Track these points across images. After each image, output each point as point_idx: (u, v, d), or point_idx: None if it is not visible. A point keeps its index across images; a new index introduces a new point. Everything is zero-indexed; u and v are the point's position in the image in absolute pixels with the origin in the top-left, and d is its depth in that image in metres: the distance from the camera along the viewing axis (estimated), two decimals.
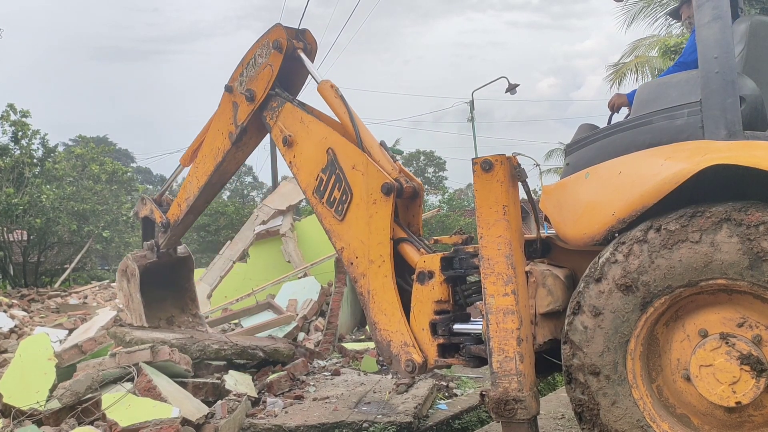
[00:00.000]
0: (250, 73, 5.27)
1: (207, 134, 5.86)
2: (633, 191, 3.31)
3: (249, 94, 5.22)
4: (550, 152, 40.44)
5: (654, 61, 20.27)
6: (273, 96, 5.13)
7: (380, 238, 4.31)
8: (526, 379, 3.48)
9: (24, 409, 5.23)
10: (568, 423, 5.16)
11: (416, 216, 4.59)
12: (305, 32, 5.25)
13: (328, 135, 4.69)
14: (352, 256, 4.47)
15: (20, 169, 17.44)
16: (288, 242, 12.71)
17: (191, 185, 6.09)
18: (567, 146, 4.16)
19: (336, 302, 9.62)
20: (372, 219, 4.34)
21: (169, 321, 7.18)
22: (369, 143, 4.57)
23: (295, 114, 4.96)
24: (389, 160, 4.53)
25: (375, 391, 6.08)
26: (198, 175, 5.96)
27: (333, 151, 4.60)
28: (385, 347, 4.27)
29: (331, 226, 4.63)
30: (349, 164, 4.50)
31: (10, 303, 12.79)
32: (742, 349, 3.03)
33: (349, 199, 4.47)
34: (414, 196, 4.52)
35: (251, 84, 5.24)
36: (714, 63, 3.27)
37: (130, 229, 20.37)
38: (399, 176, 4.41)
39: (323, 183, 4.66)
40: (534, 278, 3.74)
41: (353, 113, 4.69)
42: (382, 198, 4.29)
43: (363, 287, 4.40)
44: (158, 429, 4.59)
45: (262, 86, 5.16)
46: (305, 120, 4.88)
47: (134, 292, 6.80)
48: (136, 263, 6.73)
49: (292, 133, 4.93)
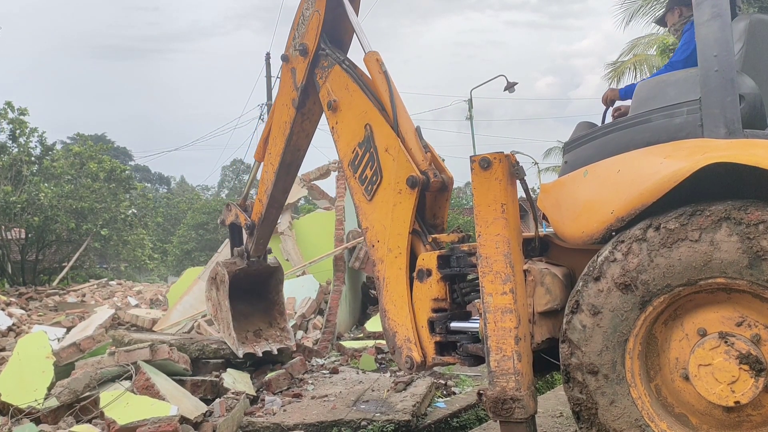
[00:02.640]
0: (301, 30, 5.23)
1: (273, 117, 5.81)
2: (632, 190, 3.30)
3: (302, 48, 5.16)
4: (549, 150, 40.39)
5: (652, 60, 20.26)
6: (324, 54, 5.06)
7: (400, 229, 4.29)
8: (523, 378, 3.47)
9: (22, 407, 5.22)
10: (566, 421, 5.15)
11: (442, 209, 4.51)
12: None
13: (368, 110, 4.60)
14: (374, 239, 4.46)
15: (18, 167, 17.43)
16: (286, 240, 12.69)
17: (267, 174, 6.01)
18: (565, 144, 4.15)
19: (334, 301, 9.62)
20: (395, 208, 4.31)
21: (256, 334, 6.95)
22: (405, 128, 4.47)
23: (342, 79, 4.88)
24: (421, 149, 4.41)
25: (373, 390, 6.08)
26: (272, 160, 5.89)
27: (371, 128, 4.54)
28: (391, 337, 4.30)
29: (360, 203, 4.61)
30: (383, 146, 4.45)
31: (8, 301, 12.79)
32: (741, 348, 3.02)
33: (378, 181, 4.44)
34: (442, 189, 4.42)
35: (303, 38, 5.19)
36: (713, 61, 3.26)
37: (129, 227, 20.36)
38: (428, 168, 4.32)
39: (358, 157, 4.62)
40: (532, 277, 3.74)
41: (395, 93, 4.58)
42: (407, 190, 4.24)
43: (380, 272, 4.40)
44: (156, 427, 4.58)
45: (313, 35, 5.11)
46: (350, 88, 4.79)
47: (223, 299, 6.61)
48: (226, 269, 6.55)
49: (337, 98, 4.85)
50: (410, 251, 4.30)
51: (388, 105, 4.53)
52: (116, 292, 15.93)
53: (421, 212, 4.37)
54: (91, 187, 18.76)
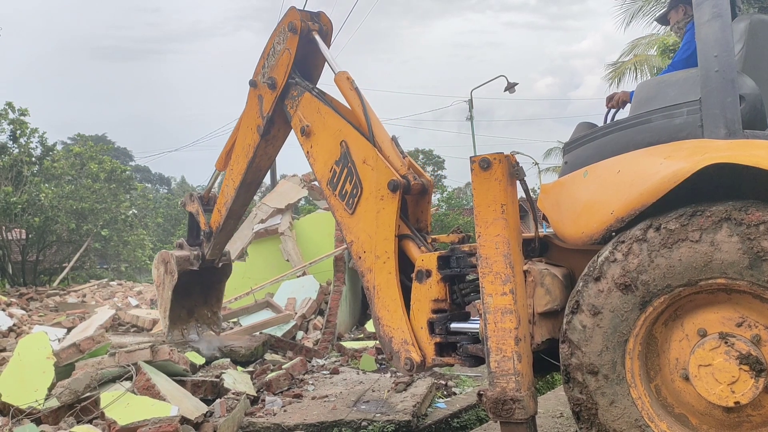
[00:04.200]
0: (270, 62, 5.35)
1: (238, 134, 5.96)
2: (632, 190, 3.30)
3: (270, 82, 5.29)
4: (549, 151, 40.44)
5: (653, 60, 20.26)
6: (293, 84, 5.18)
7: (386, 234, 4.33)
8: (523, 378, 3.47)
9: (23, 407, 5.22)
10: (566, 422, 5.15)
11: (425, 212, 4.60)
12: (320, 14, 5.30)
13: (342, 127, 4.70)
14: (360, 251, 4.50)
15: (19, 167, 17.42)
16: (287, 241, 12.68)
17: (228, 188, 6.22)
18: (565, 145, 4.15)
19: (334, 301, 9.62)
20: (379, 214, 4.36)
21: (189, 312, 7.42)
22: (381, 138, 4.56)
23: (313, 104, 4.99)
24: (399, 155, 4.54)
25: (374, 390, 6.08)
26: (233, 177, 6.08)
27: (346, 144, 4.62)
28: (387, 343, 4.31)
29: (342, 218, 4.66)
30: (361, 158, 4.52)
31: (8, 301, 12.78)
32: (741, 348, 3.02)
33: (359, 193, 4.50)
34: (423, 192, 4.51)
35: (272, 72, 5.31)
36: (714, 61, 3.26)
37: (129, 227, 20.36)
38: (407, 173, 4.42)
39: (336, 175, 4.69)
40: (532, 277, 3.73)
41: (367, 106, 4.70)
42: (389, 194, 4.31)
43: (369, 282, 4.43)
44: (157, 427, 4.58)
45: (282, 72, 5.22)
46: (322, 111, 4.91)
47: (168, 286, 7.02)
48: (177, 267, 6.87)
49: (310, 123, 4.96)
50: (405, 255, 4.34)
51: (362, 119, 4.65)
52: (117, 293, 15.90)
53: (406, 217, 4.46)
54: (92, 187, 18.77)
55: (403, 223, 4.40)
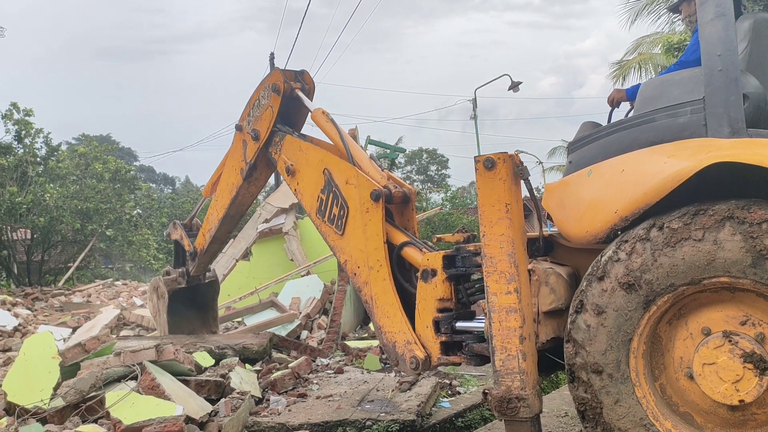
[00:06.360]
0: (255, 113, 5.70)
1: (223, 170, 6.32)
2: (636, 189, 3.30)
3: (254, 134, 5.66)
4: (553, 150, 40.38)
5: (657, 58, 20.22)
6: (276, 132, 5.52)
7: (376, 243, 4.46)
8: (528, 377, 3.48)
9: (28, 407, 5.23)
10: (571, 421, 5.15)
11: (410, 220, 4.80)
12: (303, 73, 5.67)
13: (323, 157, 4.97)
14: (354, 267, 4.64)
15: (23, 167, 17.46)
16: (291, 240, 12.71)
17: (212, 217, 6.60)
18: (570, 144, 4.15)
19: (339, 300, 9.62)
20: (366, 227, 4.52)
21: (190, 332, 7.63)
22: (359, 157, 4.81)
23: (295, 144, 5.31)
24: (378, 170, 4.78)
25: (378, 389, 6.08)
26: (217, 208, 6.48)
27: (329, 171, 4.85)
28: (391, 349, 4.36)
29: (334, 242, 4.83)
30: (343, 180, 4.72)
31: (14, 301, 12.84)
32: (745, 347, 3.02)
33: (346, 213, 4.68)
34: (405, 200, 4.73)
35: (256, 124, 5.69)
36: (717, 60, 3.25)
37: (134, 227, 20.38)
38: (387, 183, 4.62)
39: (323, 203, 4.89)
40: (537, 276, 3.74)
41: (343, 133, 5.00)
42: (373, 205, 4.48)
43: (366, 295, 4.55)
44: (162, 427, 4.59)
45: (265, 126, 5.59)
46: (303, 147, 5.21)
47: (162, 310, 7.36)
48: (166, 287, 7.24)
49: (294, 162, 5.24)
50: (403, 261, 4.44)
51: (340, 144, 4.94)
52: (121, 293, 15.93)
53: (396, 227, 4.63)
54: (96, 187, 18.80)
55: (399, 232, 4.55)
